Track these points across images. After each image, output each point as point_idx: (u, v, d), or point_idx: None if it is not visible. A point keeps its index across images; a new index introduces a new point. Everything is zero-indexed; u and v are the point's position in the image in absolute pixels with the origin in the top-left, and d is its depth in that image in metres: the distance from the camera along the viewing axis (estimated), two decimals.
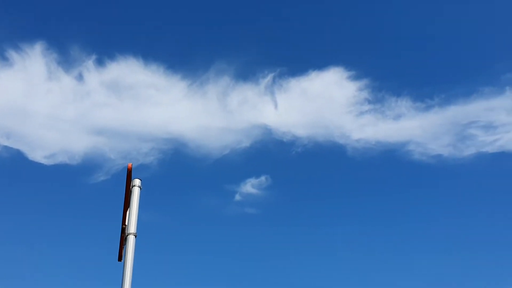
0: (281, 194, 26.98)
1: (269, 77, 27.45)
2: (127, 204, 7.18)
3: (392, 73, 26.97)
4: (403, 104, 25.99)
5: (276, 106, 27.28)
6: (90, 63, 25.80)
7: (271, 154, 27.33)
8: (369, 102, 26.38)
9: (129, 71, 26.20)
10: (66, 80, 25.71)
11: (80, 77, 25.82)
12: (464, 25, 26.77)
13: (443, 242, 24.27)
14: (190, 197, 27.29)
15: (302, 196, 26.83)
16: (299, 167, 27.24)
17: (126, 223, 7.07)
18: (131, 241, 6.86)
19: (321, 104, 27.18)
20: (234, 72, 27.58)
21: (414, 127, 25.72)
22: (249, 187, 26.66)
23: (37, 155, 24.96)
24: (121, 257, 7.07)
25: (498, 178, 24.82)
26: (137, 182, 7.33)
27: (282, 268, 25.01)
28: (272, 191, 26.68)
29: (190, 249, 25.96)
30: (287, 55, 28.50)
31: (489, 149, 24.41)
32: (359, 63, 26.79)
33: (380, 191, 26.12)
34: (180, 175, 27.90)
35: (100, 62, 25.92)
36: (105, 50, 26.51)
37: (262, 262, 25.47)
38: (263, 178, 26.71)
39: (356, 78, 26.62)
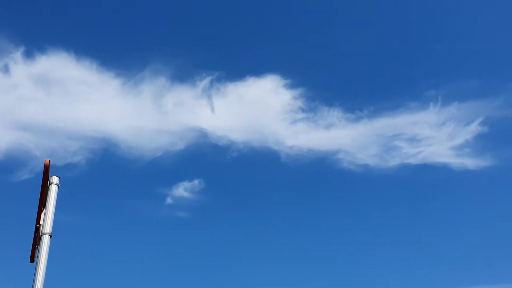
0: (214, 199, 26.96)
1: (206, 80, 27.42)
2: (42, 202, 6.87)
3: (326, 84, 27.84)
4: (335, 114, 26.84)
5: (212, 109, 27.28)
6: (17, 55, 24.61)
7: (206, 158, 27.28)
8: (303, 110, 27.02)
9: (59, 66, 25.21)
10: None
11: (6, 69, 24.56)
12: (393, 43, 28.13)
13: (365, 244, 25.18)
14: (119, 199, 26.63)
15: (235, 201, 26.96)
16: (233, 172, 27.37)
17: (41, 222, 6.75)
18: (45, 241, 6.55)
19: (257, 110, 27.51)
20: (171, 73, 27.32)
21: (344, 136, 26.63)
22: (182, 190, 26.43)
23: None
24: (33, 258, 6.74)
25: (420, 188, 26.18)
26: (55, 179, 7.02)
27: (211, 272, 24.96)
28: (205, 195, 26.60)
29: (116, 252, 25.29)
30: (225, 60, 28.65)
31: (413, 160, 25.71)
32: (295, 73, 27.40)
33: (311, 197, 26.80)
34: (110, 176, 27.17)
35: (28, 55, 24.79)
36: (35, 42, 25.38)
37: (191, 268, 25.30)
38: (196, 181, 26.58)
39: (291, 86, 27.20)
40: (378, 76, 27.86)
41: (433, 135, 25.77)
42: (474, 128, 25.31)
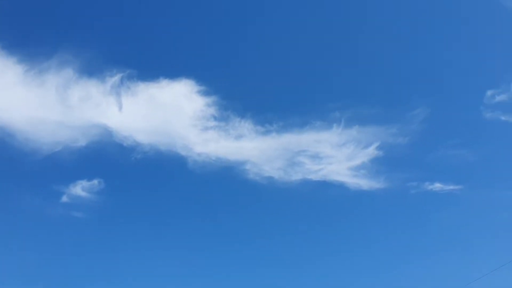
0: (114, 200, 25.97)
1: (117, 77, 26.46)
2: None
3: (240, 96, 28.21)
4: (246, 126, 27.33)
5: (120, 108, 26.36)
6: None
7: (108, 157, 26.22)
8: (215, 119, 27.15)
9: None
10: None
11: None
12: (306, 64, 29.37)
13: (265, 254, 25.86)
14: (10, 194, 24.62)
15: (136, 204, 26.18)
16: (136, 174, 26.60)
17: None
18: None
19: (168, 113, 27.07)
20: (80, 65, 26.00)
21: (252, 148, 27.22)
22: (79, 189, 25.18)
23: None
24: None
25: (319, 203, 27.50)
26: None
27: (105, 275, 23.98)
28: (104, 196, 25.57)
29: (2, 249, 23.30)
30: (139, 58, 27.82)
31: (314, 176, 27.00)
32: (210, 80, 27.45)
33: (216, 204, 26.87)
34: (2, 167, 25.01)
35: None
36: None
37: (80, 269, 24.12)
38: (96, 181, 25.49)
39: (205, 93, 27.21)
40: (290, 93, 28.91)
41: (334, 154, 27.32)
42: (371, 151, 27.29)
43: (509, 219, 25.32)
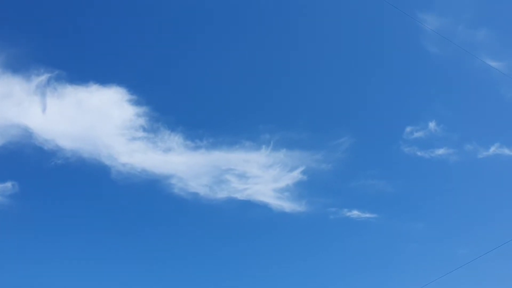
0: (27, 205, 24.50)
1: (44, 77, 25.25)
2: None
3: (171, 108, 27.91)
4: (175, 140, 27.03)
5: (44, 109, 25.10)
6: None
7: (25, 160, 24.79)
8: (144, 129, 26.62)
9: None
10: None
11: None
12: (241, 83, 29.73)
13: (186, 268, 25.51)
14: None
15: (52, 210, 24.86)
16: (56, 180, 25.31)
17: None
18: None
19: (95, 119, 26.15)
20: (3, 60, 24.58)
21: (180, 162, 26.92)
22: None
23: None
24: None
25: (243, 222, 27.66)
26: None
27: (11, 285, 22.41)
28: (17, 200, 24.07)
29: None
30: (70, 60, 26.74)
31: (239, 195, 27.18)
32: (142, 90, 26.95)
33: (136, 216, 26.17)
34: None
35: None
36: None
37: None
38: (9, 184, 24.00)
39: (136, 103, 26.65)
40: (222, 111, 29.05)
41: (260, 174, 27.74)
42: (296, 175, 28.00)
43: (417, 249, 27.03)
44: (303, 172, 27.99)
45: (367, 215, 27.37)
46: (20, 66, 24.93)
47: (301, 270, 26.40)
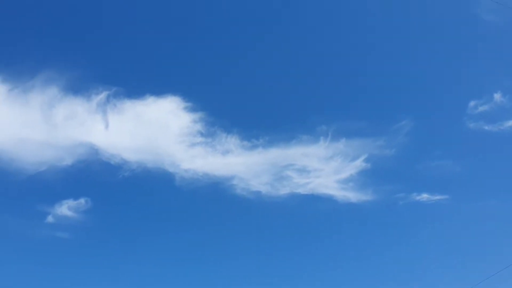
0: (101, 219, 25.61)
1: (103, 95, 26.34)
2: None
3: (225, 111, 28.26)
4: (232, 141, 27.34)
5: (107, 126, 26.18)
6: None
7: (95, 176, 25.93)
8: (202, 135, 27.13)
9: None
10: None
11: None
12: (291, 78, 29.62)
13: (255, 269, 25.67)
14: None
15: (125, 223, 25.85)
16: (124, 192, 26.32)
17: None
18: None
19: (154, 130, 26.97)
20: (65, 83, 25.84)
21: (239, 163, 27.17)
22: (65, 209, 24.81)
23: None
24: None
25: (308, 217, 27.46)
26: None
27: None
28: (91, 215, 25.22)
29: None
30: (125, 76, 27.75)
31: (302, 190, 27.00)
32: (196, 96, 27.49)
33: (204, 220, 26.69)
34: None
35: None
36: None
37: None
38: (82, 200, 25.16)
39: (192, 110, 27.21)
40: (275, 108, 29.04)
41: (321, 167, 27.40)
42: (359, 164, 27.43)
43: (495, 228, 25.63)
44: (366, 160, 27.41)
45: (438, 197, 26.37)
46: (80, 88, 26.20)
47: (374, 260, 25.82)
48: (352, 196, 26.76)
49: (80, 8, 27.85)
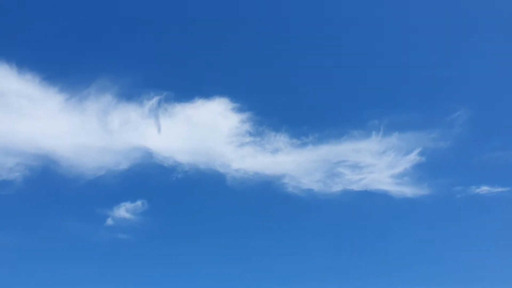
0: (157, 220, 26.38)
1: (154, 100, 27.12)
2: None
3: (273, 110, 28.32)
4: (281, 140, 27.31)
5: (159, 130, 26.95)
6: None
7: (150, 178, 26.74)
8: (250, 134, 27.31)
9: (0, 78, 24.08)
10: None
11: None
12: (340, 73, 29.21)
13: (309, 268, 25.49)
14: (57, 220, 25.42)
15: (179, 223, 26.50)
16: (178, 193, 26.98)
17: None
18: None
19: (204, 132, 27.44)
20: (118, 90, 26.81)
21: (290, 161, 27.11)
22: (123, 211, 25.70)
23: None
24: None
25: (362, 214, 26.95)
26: None
27: None
28: (148, 216, 26.00)
29: (52, 275, 24.03)
30: (174, 80, 28.46)
31: (355, 187, 26.54)
32: (244, 97, 27.73)
33: (256, 219, 26.84)
34: (48, 194, 25.92)
35: None
36: None
37: None
38: (139, 202, 25.97)
39: (240, 110, 27.46)
40: (324, 104, 28.76)
41: (374, 163, 26.80)
42: (413, 157, 26.61)
43: None
44: (420, 154, 26.56)
45: (498, 189, 25.11)
46: (132, 94, 27.14)
47: (434, 256, 24.95)
48: (407, 191, 26.04)
49: (128, 18, 28.86)
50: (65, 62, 27.30)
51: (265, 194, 26.79)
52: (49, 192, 25.82)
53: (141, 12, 28.73)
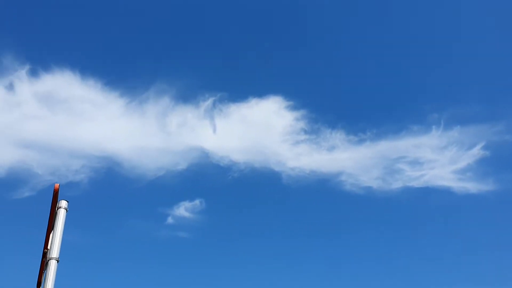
0: (215, 219, 26.88)
1: (209, 101, 27.59)
2: (50, 227, 6.89)
3: (328, 106, 27.98)
4: (337, 137, 26.92)
5: (215, 130, 27.39)
6: (23, 73, 24.82)
7: (207, 178, 27.26)
8: (306, 132, 27.11)
9: (64, 84, 25.43)
10: None
11: (10, 87, 24.76)
12: (397, 66, 28.38)
13: (370, 269, 24.98)
14: (121, 219, 26.55)
15: (236, 221, 26.88)
16: (235, 192, 27.34)
17: (48, 247, 6.76)
18: (52, 266, 6.56)
19: (259, 131, 27.60)
20: (175, 93, 27.51)
21: (347, 159, 26.66)
22: (183, 210, 26.35)
23: None
24: (40, 283, 6.73)
25: (423, 211, 26.10)
26: (63, 204, 7.05)
27: None
28: (206, 215, 26.53)
29: (118, 272, 25.12)
30: (228, 81, 28.85)
31: (415, 183, 25.69)
32: (298, 94, 27.60)
33: (313, 218, 26.71)
34: (112, 195, 27.13)
35: (33, 73, 25.00)
36: (40, 61, 25.60)
37: (192, 286, 25.11)
38: (197, 201, 26.53)
39: (294, 108, 27.34)
40: (381, 99, 28.09)
41: (436, 158, 25.83)
42: (476, 152, 25.40)
43: None
44: (484, 148, 25.30)
45: None
46: (189, 96, 27.78)
47: (502, 257, 23.72)
48: (471, 187, 24.90)
49: (182, 23, 29.54)
50: (125, 67, 28.46)
51: (321, 192, 26.60)
52: (112, 193, 27.01)
53: (194, 16, 29.35)
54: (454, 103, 26.70)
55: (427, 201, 25.67)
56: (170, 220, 26.08)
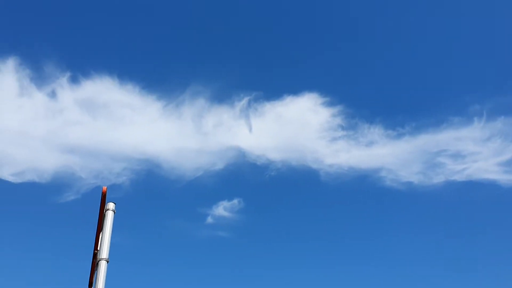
0: (254, 218, 26.94)
1: (244, 101, 27.66)
2: (100, 228, 7.05)
3: (365, 101, 27.60)
4: (376, 132, 26.50)
5: (250, 129, 27.44)
6: (64, 80, 25.54)
7: (245, 177, 27.34)
8: (343, 128, 26.81)
9: (104, 90, 26.01)
10: (38, 97, 25.37)
11: (53, 94, 25.51)
12: (436, 58, 27.71)
13: (412, 265, 24.51)
14: (162, 220, 26.96)
15: (275, 220, 26.86)
16: (272, 191, 27.31)
17: (98, 248, 6.92)
18: (102, 266, 6.71)
19: (295, 128, 27.47)
20: (210, 94, 27.73)
21: (386, 154, 26.21)
22: (221, 210, 26.52)
23: (4, 172, 24.37)
24: (91, 283, 6.90)
25: (466, 206, 25.41)
26: (111, 206, 7.22)
27: None
28: (245, 214, 26.62)
29: (162, 274, 25.51)
30: (263, 80, 28.86)
31: (458, 177, 25.02)
32: (333, 90, 27.33)
33: (353, 215, 26.42)
34: (153, 196, 27.58)
35: (74, 80, 25.68)
36: (80, 67, 26.28)
37: (233, 285, 25.24)
38: (235, 201, 26.64)
39: (330, 104, 27.08)
40: (419, 91, 27.50)
41: (478, 150, 25.09)
42: None
43: None
44: None
45: None
46: (224, 96, 27.93)
47: None
48: None
49: (214, 26, 29.74)
50: (161, 71, 28.90)
51: (361, 188, 26.27)
52: (153, 194, 27.46)
53: (226, 17, 29.49)
54: (497, 93, 25.91)
55: (472, 196, 25.01)
56: (209, 219, 26.34)
